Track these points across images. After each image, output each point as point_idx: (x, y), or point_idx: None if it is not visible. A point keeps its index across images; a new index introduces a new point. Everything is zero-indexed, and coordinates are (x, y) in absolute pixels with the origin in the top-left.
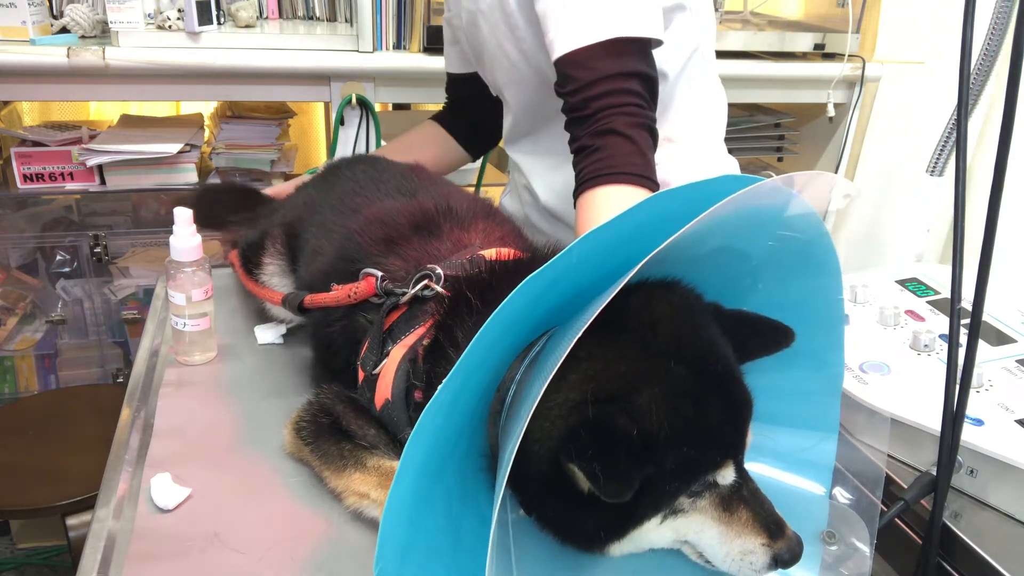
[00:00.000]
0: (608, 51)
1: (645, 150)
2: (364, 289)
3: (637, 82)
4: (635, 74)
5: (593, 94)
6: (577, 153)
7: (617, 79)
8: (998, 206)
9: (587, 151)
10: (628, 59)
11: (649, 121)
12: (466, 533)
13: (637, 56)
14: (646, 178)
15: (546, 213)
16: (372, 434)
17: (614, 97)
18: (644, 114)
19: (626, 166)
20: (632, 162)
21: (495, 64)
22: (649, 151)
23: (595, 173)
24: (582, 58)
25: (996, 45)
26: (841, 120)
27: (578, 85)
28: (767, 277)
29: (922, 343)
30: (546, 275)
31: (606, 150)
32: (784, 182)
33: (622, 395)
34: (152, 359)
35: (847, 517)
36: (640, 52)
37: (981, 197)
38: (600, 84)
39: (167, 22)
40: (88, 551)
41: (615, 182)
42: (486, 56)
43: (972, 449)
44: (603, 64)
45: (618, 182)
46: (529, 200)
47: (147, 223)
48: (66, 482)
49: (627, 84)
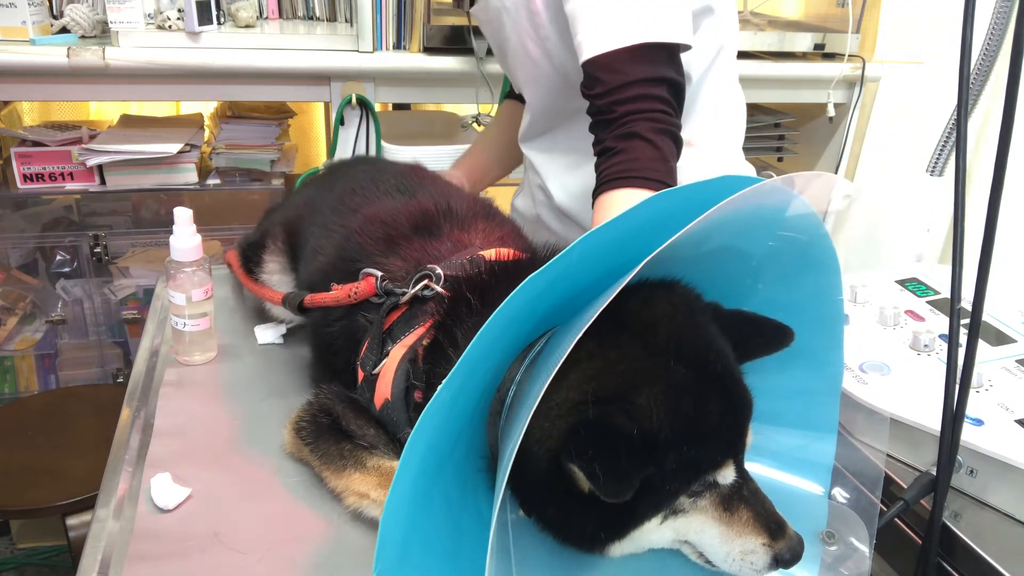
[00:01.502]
0: (637, 56)
1: (668, 156)
2: (364, 289)
3: (665, 88)
4: (663, 80)
5: (620, 98)
6: (600, 155)
7: (645, 84)
8: (998, 206)
9: (610, 153)
10: (657, 65)
11: (674, 128)
12: (466, 533)
13: (666, 62)
14: (666, 184)
15: (559, 213)
16: (372, 434)
17: (641, 102)
18: (670, 121)
19: (647, 171)
20: (653, 167)
21: (516, 61)
22: (672, 158)
23: (615, 175)
24: (611, 61)
25: (996, 45)
26: (841, 120)
27: (606, 88)
28: (767, 277)
29: (922, 343)
30: (546, 275)
31: (629, 153)
32: (784, 182)
33: (622, 395)
34: (152, 359)
35: (846, 517)
36: (669, 58)
37: (980, 197)
38: (628, 88)
39: (167, 22)
40: (88, 551)
41: (634, 186)
42: (508, 53)
43: (972, 449)
44: (632, 68)
45: (637, 186)
46: (543, 200)
47: (147, 223)
48: (66, 482)
49: (655, 90)
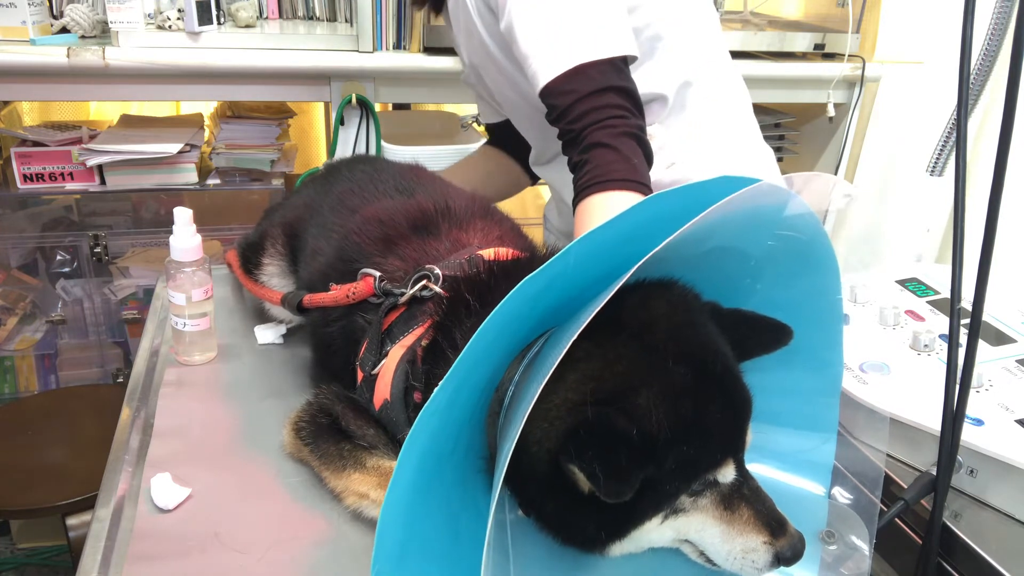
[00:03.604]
0: (582, 75)
1: (629, 155)
2: (362, 289)
3: (613, 95)
4: (610, 88)
5: (574, 115)
6: (573, 172)
7: (593, 97)
8: (998, 206)
9: (577, 167)
10: (600, 78)
11: (633, 129)
12: (464, 533)
13: (611, 73)
14: (631, 181)
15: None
16: (371, 434)
17: (593, 114)
18: (627, 123)
19: (610, 173)
20: (615, 169)
21: (505, 106)
22: (634, 156)
23: (584, 185)
24: (559, 85)
25: (996, 44)
26: (841, 120)
27: (560, 111)
28: (766, 277)
29: (922, 343)
30: (543, 276)
31: (592, 162)
32: (783, 182)
33: (621, 395)
34: (152, 359)
35: (846, 517)
36: (614, 70)
37: (980, 196)
38: (579, 105)
39: (167, 22)
40: (88, 551)
41: (601, 190)
42: (500, 102)
43: (972, 449)
44: (579, 87)
45: (604, 190)
46: (567, 212)
47: (147, 223)
48: (66, 482)
49: (604, 99)
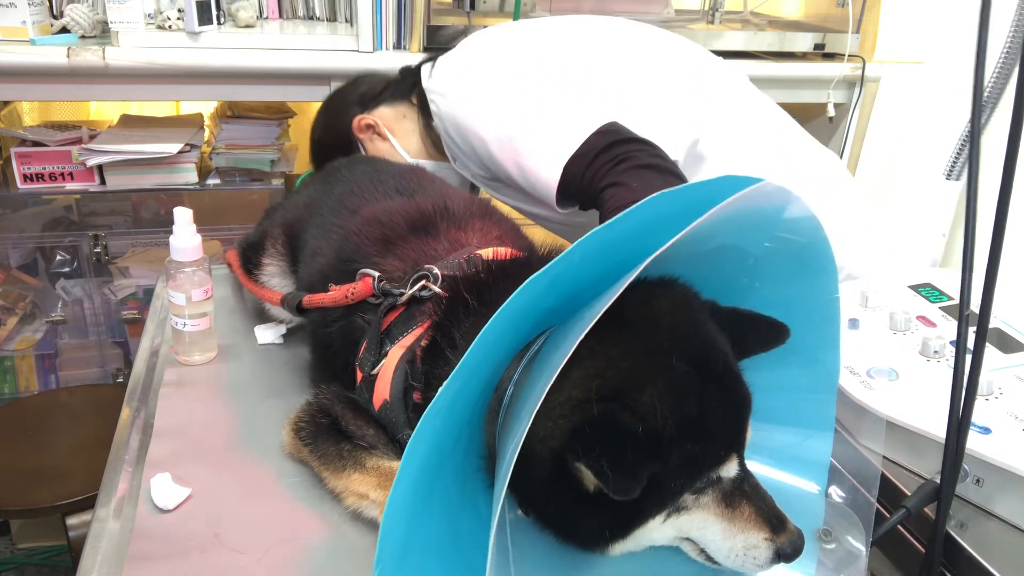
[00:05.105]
0: (586, 154)
1: (640, 190)
2: (361, 289)
3: (613, 143)
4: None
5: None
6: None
7: (599, 154)
8: (1006, 210)
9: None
10: (599, 139)
11: (642, 160)
12: (465, 533)
13: (608, 134)
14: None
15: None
16: (371, 434)
17: (604, 167)
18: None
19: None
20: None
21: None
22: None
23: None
24: (569, 171)
25: (1016, 50)
26: (841, 120)
27: (580, 186)
28: (764, 276)
29: (932, 349)
30: (547, 275)
31: (611, 201)
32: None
33: (626, 392)
34: (152, 359)
35: (843, 516)
36: (611, 132)
37: (989, 201)
38: (590, 169)
39: (167, 22)
40: (88, 551)
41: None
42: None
43: (978, 458)
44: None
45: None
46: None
47: (147, 223)
48: (66, 482)
49: (608, 153)
